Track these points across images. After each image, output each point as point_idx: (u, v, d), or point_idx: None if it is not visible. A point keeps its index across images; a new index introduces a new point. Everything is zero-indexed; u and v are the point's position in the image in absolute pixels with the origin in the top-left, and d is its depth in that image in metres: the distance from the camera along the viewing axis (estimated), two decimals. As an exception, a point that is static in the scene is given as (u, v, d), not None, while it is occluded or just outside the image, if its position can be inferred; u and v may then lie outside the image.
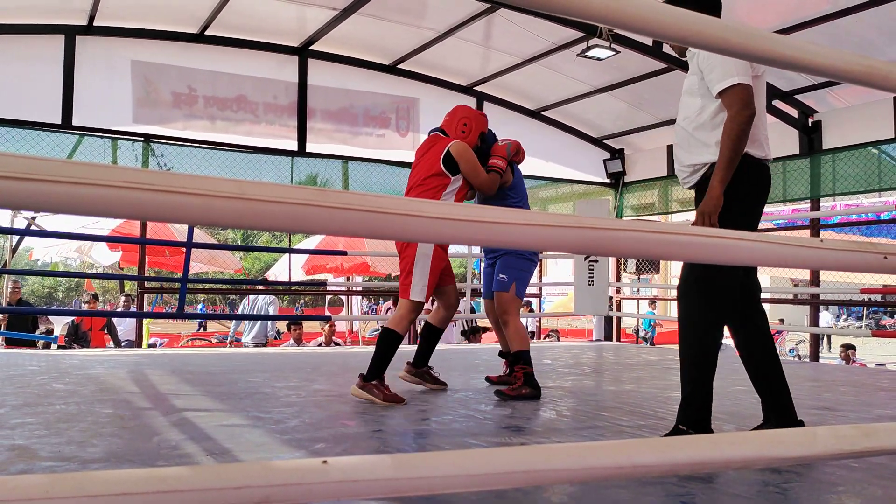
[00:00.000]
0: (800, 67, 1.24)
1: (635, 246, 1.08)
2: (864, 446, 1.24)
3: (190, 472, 0.79)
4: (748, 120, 2.57)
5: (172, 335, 14.57)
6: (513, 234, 0.94)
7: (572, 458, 1.00)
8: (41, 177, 0.68)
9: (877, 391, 4.54)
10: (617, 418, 3.37)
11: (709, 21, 1.20)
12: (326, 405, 3.61)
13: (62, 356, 5.79)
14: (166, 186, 0.76)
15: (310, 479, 0.84)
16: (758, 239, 1.12)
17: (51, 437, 2.69)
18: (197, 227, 7.91)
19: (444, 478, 0.91)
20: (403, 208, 0.88)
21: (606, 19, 1.10)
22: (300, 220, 0.84)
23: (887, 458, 2.54)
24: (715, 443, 1.11)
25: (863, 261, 1.23)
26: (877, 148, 7.51)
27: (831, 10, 6.35)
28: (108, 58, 7.41)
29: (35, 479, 0.72)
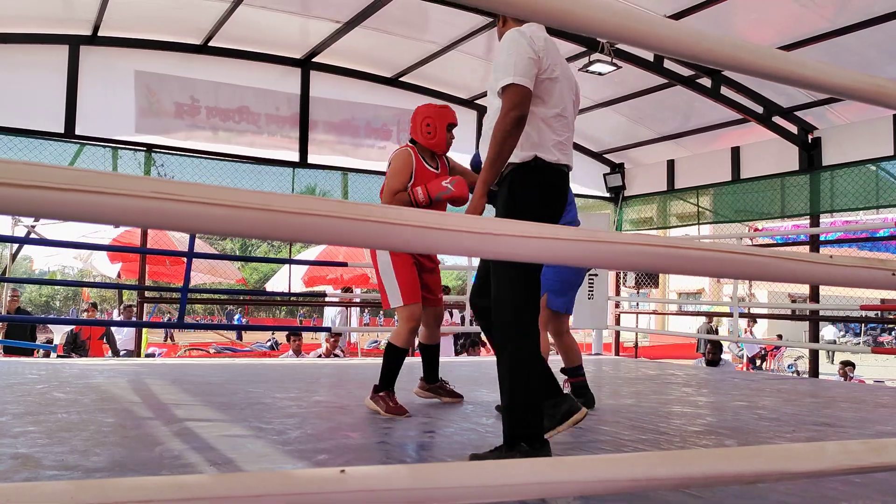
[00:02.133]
0: (808, 85, 1.26)
1: (650, 260, 1.09)
2: (872, 462, 1.25)
3: (211, 480, 0.80)
4: (515, 122, 2.49)
5: (170, 345, 14.54)
6: (531, 247, 0.95)
7: (587, 470, 1.01)
8: (77, 187, 0.70)
9: (877, 407, 4.54)
10: (617, 432, 3.37)
11: (720, 40, 1.22)
12: (328, 416, 3.61)
13: (62, 365, 5.78)
14: (193, 197, 0.77)
15: (328, 489, 0.85)
16: (770, 255, 1.13)
17: (54, 446, 2.69)
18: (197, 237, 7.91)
19: (460, 488, 0.91)
20: (424, 221, 0.89)
21: (616, 35, 1.12)
22: (323, 232, 0.85)
23: (890, 474, 2.54)
24: (728, 457, 1.12)
25: (871, 277, 1.24)
26: (876, 165, 7.54)
27: (830, 29, 6.39)
28: (111, 68, 7.44)
29: (60, 485, 0.73)
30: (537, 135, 2.61)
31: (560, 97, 2.66)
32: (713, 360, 8.42)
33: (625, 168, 10.33)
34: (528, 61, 2.54)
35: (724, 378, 6.31)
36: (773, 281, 1.19)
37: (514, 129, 2.51)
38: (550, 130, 2.63)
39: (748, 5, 6.41)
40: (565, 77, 2.70)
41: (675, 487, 1.07)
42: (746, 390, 5.30)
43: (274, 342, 14.87)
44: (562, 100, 2.67)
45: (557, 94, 2.65)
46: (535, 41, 2.59)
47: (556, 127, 2.64)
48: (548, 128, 2.63)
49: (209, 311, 33.45)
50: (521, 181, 2.63)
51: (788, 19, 6.48)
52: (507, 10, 1.03)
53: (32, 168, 0.70)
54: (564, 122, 2.68)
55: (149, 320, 11.15)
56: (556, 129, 2.64)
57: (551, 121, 2.63)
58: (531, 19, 1.09)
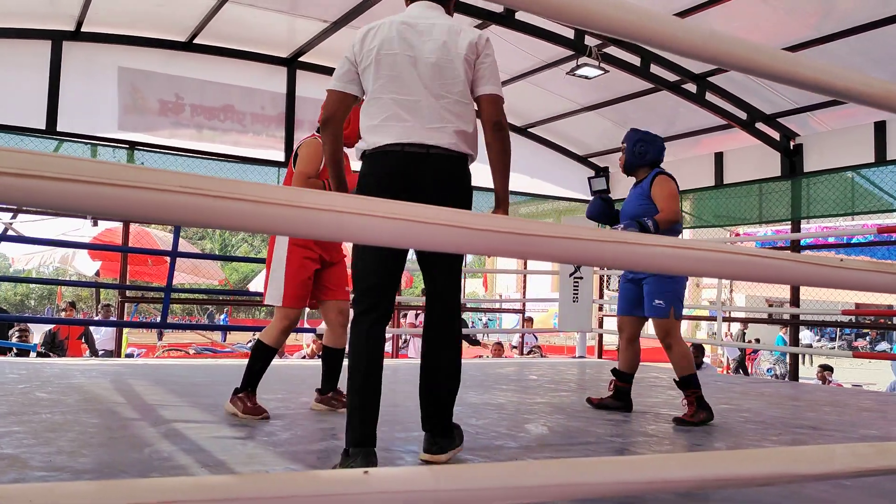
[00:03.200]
0: (819, 88, 1.27)
1: (668, 262, 1.09)
2: (879, 464, 1.25)
3: (237, 480, 0.79)
4: (323, 124, 2.62)
5: (149, 346, 14.39)
6: (554, 246, 0.94)
7: (604, 473, 1.00)
8: (111, 181, 0.68)
9: (860, 411, 4.59)
10: (608, 434, 3.38)
11: (736, 42, 1.22)
12: (316, 418, 3.58)
13: (42, 365, 5.70)
14: (222, 192, 0.75)
15: (353, 490, 0.84)
16: (785, 258, 1.13)
17: (40, 447, 2.65)
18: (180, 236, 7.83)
19: (483, 490, 0.91)
20: (445, 219, 0.88)
21: (622, 32, 1.12)
22: (346, 229, 0.84)
23: (878, 478, 2.57)
24: (740, 460, 1.12)
25: (882, 281, 1.25)
26: (856, 172, 7.63)
27: (815, 36, 6.46)
28: (94, 64, 7.35)
29: (85, 485, 0.71)
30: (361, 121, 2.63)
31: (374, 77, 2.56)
32: (695, 364, 8.46)
33: (609, 172, 10.37)
34: (341, 63, 2.63)
35: (707, 381, 6.34)
36: (786, 284, 1.19)
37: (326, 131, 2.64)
38: (374, 114, 2.57)
39: (734, 13, 6.46)
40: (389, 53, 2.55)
41: (689, 490, 1.07)
42: (730, 393, 5.34)
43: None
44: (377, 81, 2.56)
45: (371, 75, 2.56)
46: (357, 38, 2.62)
47: (378, 110, 2.56)
48: (373, 112, 2.58)
49: (187, 312, 33.16)
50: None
51: (774, 26, 6.54)
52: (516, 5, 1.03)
53: (59, 160, 0.69)
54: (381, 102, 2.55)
55: (130, 320, 11.05)
56: (378, 112, 2.56)
57: (371, 104, 2.58)
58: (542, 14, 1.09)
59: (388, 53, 2.55)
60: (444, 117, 2.55)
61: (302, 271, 3.55)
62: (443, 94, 2.56)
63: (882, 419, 4.29)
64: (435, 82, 2.55)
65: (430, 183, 2.54)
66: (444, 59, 2.57)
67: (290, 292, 3.53)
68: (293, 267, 3.54)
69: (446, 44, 2.57)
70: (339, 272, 3.75)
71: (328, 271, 3.71)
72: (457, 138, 2.57)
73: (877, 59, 6.65)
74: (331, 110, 2.59)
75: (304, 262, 3.56)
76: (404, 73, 2.54)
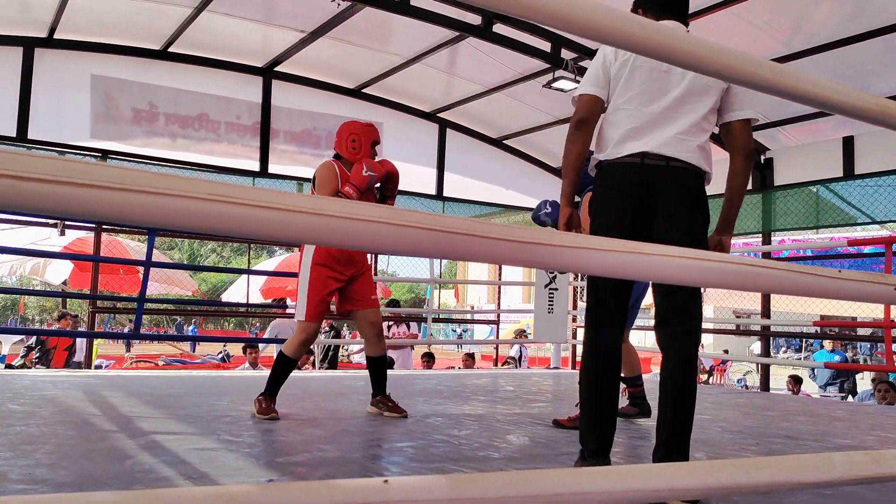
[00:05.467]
0: (817, 103, 1.30)
1: (669, 272, 1.10)
2: (875, 472, 1.28)
3: (258, 490, 0.78)
4: (573, 128, 2.53)
5: (117, 357, 14.17)
6: (568, 257, 0.95)
7: (617, 480, 1.01)
8: (142, 188, 0.68)
9: (833, 421, 4.66)
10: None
11: (738, 56, 1.24)
12: (298, 429, 3.56)
13: (11, 377, 5.58)
14: (249, 200, 0.75)
15: (373, 498, 0.84)
16: (786, 269, 1.15)
17: (17, 460, 2.59)
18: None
19: (499, 499, 0.91)
20: (470, 229, 0.88)
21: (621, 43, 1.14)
22: (371, 238, 0.84)
23: (859, 487, 2.61)
24: (745, 468, 1.13)
25: (876, 291, 1.28)
26: (825, 186, 7.79)
27: (785, 52, 6.59)
28: (67, 71, 7.25)
29: (110, 496, 0.70)
30: (602, 132, 2.56)
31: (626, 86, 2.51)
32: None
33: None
34: (595, 67, 2.55)
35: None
36: (786, 294, 1.21)
37: (575, 137, 2.52)
38: (615, 124, 2.51)
39: (708, 27, 6.57)
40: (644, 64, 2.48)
41: (694, 497, 1.08)
42: (706, 403, 5.39)
43: (226, 354, 14.61)
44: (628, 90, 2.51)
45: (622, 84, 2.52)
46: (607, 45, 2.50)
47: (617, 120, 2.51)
48: (615, 122, 2.51)
49: (155, 323, 32.71)
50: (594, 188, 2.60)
51: (746, 42, 6.66)
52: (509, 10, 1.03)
53: (91, 168, 0.68)
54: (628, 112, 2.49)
55: (105, 330, 10.89)
56: (618, 122, 2.50)
57: (614, 113, 2.53)
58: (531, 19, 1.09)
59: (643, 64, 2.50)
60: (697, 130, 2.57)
61: (323, 289, 3.85)
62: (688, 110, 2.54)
63: (854, 428, 4.36)
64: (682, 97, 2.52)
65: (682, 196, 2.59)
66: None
67: (310, 309, 3.83)
68: (315, 285, 3.83)
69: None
70: (365, 284, 4.03)
71: (353, 285, 3.98)
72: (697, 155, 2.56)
73: (843, 76, 6.79)
74: (580, 113, 2.53)
75: (326, 280, 3.86)
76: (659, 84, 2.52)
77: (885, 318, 5.52)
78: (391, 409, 4.02)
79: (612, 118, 2.53)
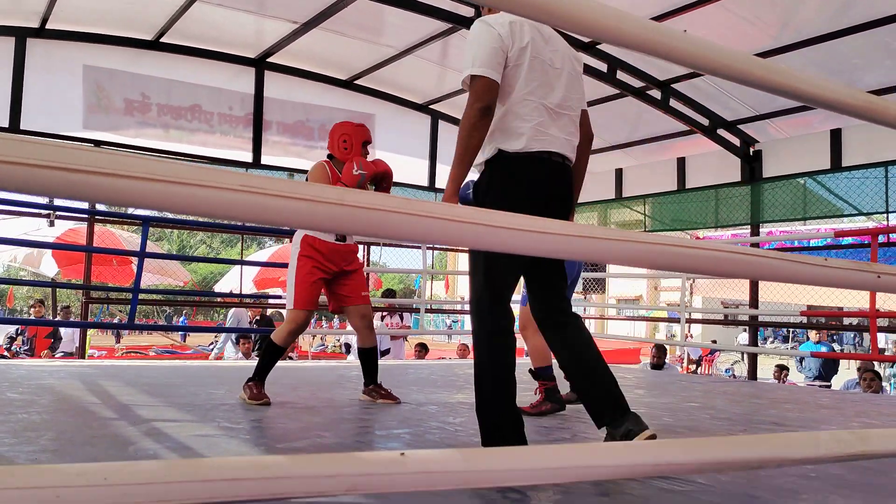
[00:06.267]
0: (806, 98, 1.36)
1: (658, 259, 1.16)
2: (860, 450, 1.35)
3: (290, 461, 0.84)
4: (479, 114, 2.39)
5: (108, 348, 14.18)
6: (564, 243, 1.01)
7: (615, 456, 1.07)
8: (181, 180, 0.73)
9: (818, 408, 4.75)
10: (584, 430, 3.47)
11: (724, 51, 1.30)
12: (295, 416, 3.61)
13: (6, 366, 5.61)
14: (281, 191, 0.81)
15: (392, 470, 0.89)
16: (775, 257, 1.22)
17: (22, 446, 2.64)
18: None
19: (509, 471, 0.97)
20: (478, 218, 0.94)
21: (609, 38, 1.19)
22: (389, 226, 0.89)
23: (843, 470, 2.69)
24: (736, 445, 1.20)
25: (860, 279, 1.35)
26: (812, 178, 7.89)
27: (774, 46, 6.68)
28: (59, 61, 7.26)
29: (152, 464, 0.76)
30: (509, 123, 2.50)
31: (529, 79, 2.50)
32: (658, 364, 8.65)
33: (573, 175, 10.53)
34: (493, 50, 2.44)
35: (672, 381, 6.51)
36: (774, 281, 1.27)
37: (480, 122, 2.40)
38: (523, 116, 2.49)
39: (697, 21, 6.64)
40: (536, 56, 2.52)
41: (690, 472, 1.15)
42: (695, 392, 5.49)
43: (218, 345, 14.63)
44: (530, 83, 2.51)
45: (522, 77, 2.50)
46: (497, 27, 2.47)
47: (526, 112, 2.50)
48: (523, 113, 2.49)
49: (145, 314, 32.65)
50: (490, 177, 2.54)
51: (736, 36, 6.73)
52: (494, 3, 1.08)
53: (132, 160, 0.74)
54: (530, 104, 2.51)
55: (97, 321, 10.90)
56: (528, 114, 2.50)
57: (519, 105, 2.50)
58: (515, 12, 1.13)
59: (539, 58, 2.52)
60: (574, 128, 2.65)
61: (308, 278, 3.96)
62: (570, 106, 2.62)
63: (840, 415, 4.45)
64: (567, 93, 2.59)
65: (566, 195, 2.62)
66: (573, 72, 2.64)
67: (298, 297, 3.95)
68: (300, 274, 3.96)
69: (573, 57, 2.66)
70: (356, 280, 4.14)
71: (344, 282, 4.10)
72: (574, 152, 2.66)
73: (831, 70, 6.88)
74: (487, 99, 2.42)
75: (312, 270, 3.97)
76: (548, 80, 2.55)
77: (870, 307, 5.63)
78: (384, 396, 4.14)
79: (518, 109, 2.49)
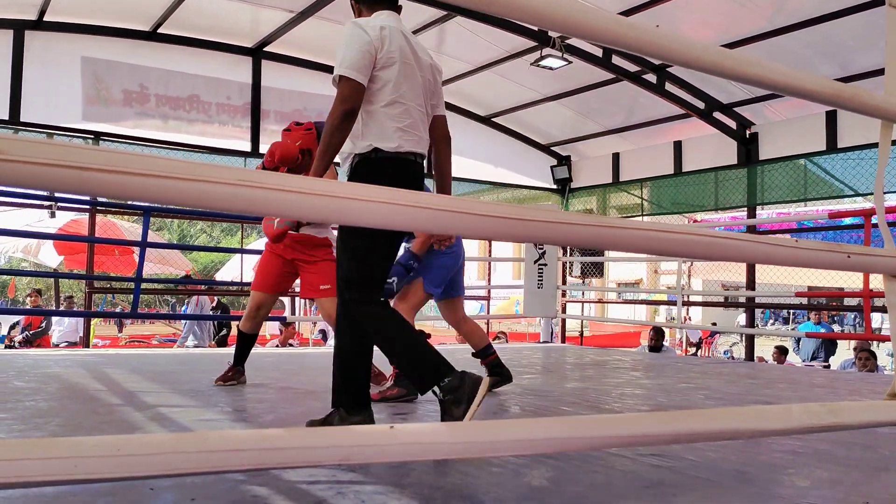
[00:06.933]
0: (773, 86, 1.42)
1: (640, 242, 1.23)
2: (831, 421, 1.42)
3: (287, 433, 0.91)
4: (342, 115, 2.45)
5: (111, 337, 14.26)
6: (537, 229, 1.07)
7: (596, 428, 1.14)
8: (188, 177, 0.79)
9: (812, 388, 4.84)
10: (578, 412, 3.55)
11: (694, 44, 1.36)
12: (297, 401, 3.69)
13: (12, 355, 5.69)
14: (273, 185, 0.87)
15: (382, 441, 0.96)
16: (748, 239, 1.28)
17: (31, 432, 2.72)
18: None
19: (493, 443, 1.04)
20: (478, 209, 1.01)
21: (599, 35, 1.25)
22: (376, 215, 0.96)
23: (830, 445, 2.77)
24: (710, 417, 1.27)
25: (830, 259, 1.41)
26: (809, 160, 7.94)
27: (768, 29, 6.71)
28: (57, 53, 7.30)
29: (163, 437, 0.83)
30: (381, 122, 2.57)
31: (402, 79, 2.59)
32: (656, 347, 8.73)
33: (571, 160, 10.58)
34: (362, 53, 2.50)
35: (668, 363, 6.59)
36: (749, 262, 1.34)
37: (343, 124, 2.48)
38: (397, 116, 2.58)
39: (691, 5, 6.67)
40: (406, 62, 2.61)
41: (666, 443, 1.22)
42: (690, 373, 5.57)
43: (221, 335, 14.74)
44: (405, 83, 2.60)
45: (400, 76, 2.58)
46: (370, 31, 2.54)
47: (399, 113, 2.59)
48: (394, 114, 2.58)
49: (147, 303, 32.74)
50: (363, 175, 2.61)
51: (729, 19, 6.77)
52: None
53: (129, 157, 0.80)
54: (405, 106, 2.60)
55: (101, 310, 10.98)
56: (402, 114, 2.59)
57: (392, 105, 2.57)
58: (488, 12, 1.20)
59: (405, 61, 2.61)
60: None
61: (265, 263, 4.21)
62: (428, 112, 2.76)
63: (832, 394, 4.53)
64: (427, 99, 2.73)
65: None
66: (433, 79, 2.77)
67: (255, 279, 4.24)
68: (262, 261, 4.28)
69: (432, 65, 2.77)
70: (315, 273, 4.11)
71: (304, 273, 4.13)
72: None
73: (825, 52, 6.92)
74: (352, 101, 2.47)
75: (269, 255, 4.16)
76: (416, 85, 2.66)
77: (864, 287, 5.69)
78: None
79: (391, 110, 2.57)
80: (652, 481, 2.21)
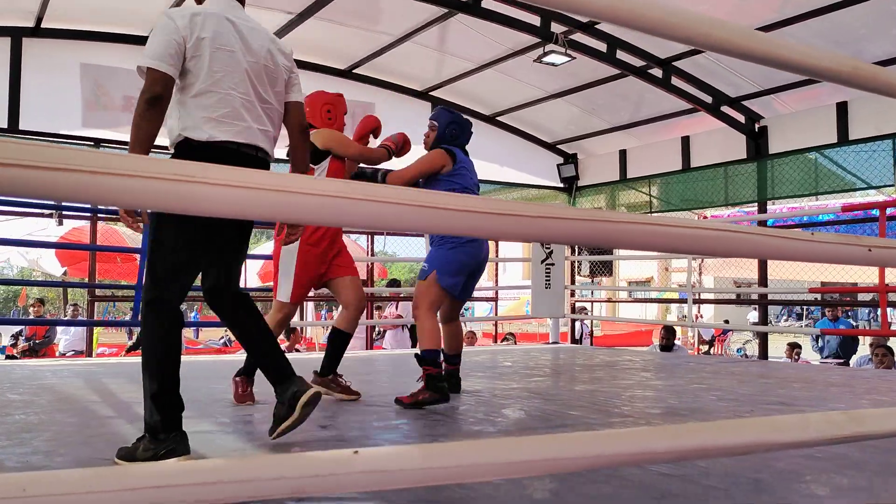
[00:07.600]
0: (790, 66, 1.29)
1: (645, 239, 1.11)
2: (853, 431, 1.29)
3: (226, 464, 0.79)
4: (145, 105, 2.40)
5: (119, 345, 14.22)
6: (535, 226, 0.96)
7: (589, 446, 1.02)
8: (202, 180, 0.69)
9: (828, 387, 4.69)
10: (585, 416, 3.42)
11: (713, 21, 1.24)
12: (295, 410, 3.57)
13: (10, 366, 5.61)
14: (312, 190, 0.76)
15: (341, 470, 0.85)
16: (761, 233, 1.16)
17: (14, 447, 2.62)
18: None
19: (470, 466, 0.92)
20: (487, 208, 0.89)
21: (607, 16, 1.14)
22: (376, 215, 0.84)
23: (847, 449, 2.63)
24: (721, 430, 1.15)
25: (849, 253, 1.28)
26: (819, 153, 7.77)
27: (777, 19, 6.55)
28: (56, 60, 7.22)
29: (77, 473, 0.71)
30: (186, 113, 2.52)
31: (226, 67, 2.53)
32: (667, 346, 8.59)
33: (578, 158, 10.44)
34: (167, 42, 2.45)
35: (679, 362, 6.45)
36: (757, 258, 1.21)
37: (148, 113, 2.42)
38: (218, 105, 2.52)
39: (698, -3, 6.53)
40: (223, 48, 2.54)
41: (672, 460, 1.09)
42: (702, 373, 5.43)
43: (227, 339, 14.68)
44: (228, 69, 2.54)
45: (222, 63, 2.53)
46: (177, 20, 2.50)
47: (222, 102, 2.52)
48: (211, 104, 2.51)
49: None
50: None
51: (736, 9, 6.62)
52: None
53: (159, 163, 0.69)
54: (219, 97, 2.52)
55: (102, 319, 10.92)
56: (226, 103, 2.53)
57: (203, 97, 2.51)
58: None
59: (226, 49, 2.55)
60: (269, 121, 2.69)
61: (313, 271, 3.74)
62: (266, 99, 2.67)
63: (850, 393, 4.39)
64: (261, 86, 2.65)
65: None
66: (273, 65, 2.69)
67: (296, 290, 3.72)
68: (303, 266, 3.71)
69: (270, 50, 2.69)
70: (346, 255, 3.91)
71: (335, 259, 3.84)
72: (272, 145, 2.71)
73: (836, 41, 6.76)
74: (154, 90, 2.42)
75: (318, 259, 3.74)
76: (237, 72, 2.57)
77: (879, 282, 5.54)
78: (343, 390, 3.85)
79: (203, 100, 2.50)
80: (662, 492, 2.09)
